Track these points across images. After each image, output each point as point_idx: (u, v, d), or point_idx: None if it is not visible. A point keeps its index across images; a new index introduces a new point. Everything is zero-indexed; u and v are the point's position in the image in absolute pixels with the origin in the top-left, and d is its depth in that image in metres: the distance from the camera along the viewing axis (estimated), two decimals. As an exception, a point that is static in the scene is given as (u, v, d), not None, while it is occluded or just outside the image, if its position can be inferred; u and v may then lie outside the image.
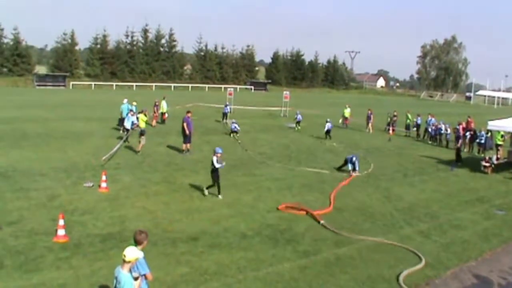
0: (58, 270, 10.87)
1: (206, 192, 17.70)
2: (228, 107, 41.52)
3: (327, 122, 34.14)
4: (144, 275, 7.68)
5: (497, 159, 26.84)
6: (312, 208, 16.59)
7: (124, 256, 7.08)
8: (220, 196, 17.41)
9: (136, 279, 7.26)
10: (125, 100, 32.68)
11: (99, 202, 16.11)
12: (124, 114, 31.23)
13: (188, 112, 25.87)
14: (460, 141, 30.43)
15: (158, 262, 11.25)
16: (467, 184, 22.59)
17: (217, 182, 17.44)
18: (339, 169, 23.36)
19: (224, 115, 40.39)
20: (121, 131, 30.62)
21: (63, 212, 13.50)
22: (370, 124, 40.12)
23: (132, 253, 7.11)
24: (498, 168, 25.71)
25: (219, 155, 17.34)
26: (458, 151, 27.65)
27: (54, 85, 77.95)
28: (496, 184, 23.05)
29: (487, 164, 25.42)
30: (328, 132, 33.91)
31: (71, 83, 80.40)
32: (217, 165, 17.20)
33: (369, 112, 40.46)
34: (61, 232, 12.63)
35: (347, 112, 42.98)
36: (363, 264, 12.31)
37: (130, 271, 7.18)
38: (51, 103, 49.30)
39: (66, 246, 12.23)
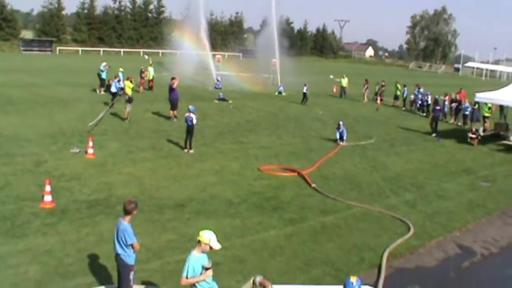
0: (45, 236, 10.86)
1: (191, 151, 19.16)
2: (220, 83, 41.06)
3: (305, 85, 36.18)
4: (131, 244, 7.66)
5: (484, 131, 26.98)
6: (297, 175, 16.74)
7: (202, 237, 6.85)
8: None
9: (207, 269, 6.85)
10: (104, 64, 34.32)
11: (86, 168, 16.04)
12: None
13: (173, 78, 25.61)
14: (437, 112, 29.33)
15: (145, 228, 11.27)
16: (453, 156, 22.73)
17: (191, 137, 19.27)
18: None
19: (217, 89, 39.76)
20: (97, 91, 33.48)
21: (50, 178, 13.43)
22: (365, 95, 40.21)
23: (207, 235, 6.86)
24: (485, 140, 25.90)
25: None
26: (432, 121, 27.35)
27: (40, 50, 76.68)
28: (482, 156, 23.22)
29: (474, 136, 25.56)
30: (304, 95, 35.78)
31: (58, 48, 79.15)
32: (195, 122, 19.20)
33: (365, 82, 40.56)
34: (47, 198, 12.58)
35: (344, 82, 42.44)
36: (348, 233, 12.43)
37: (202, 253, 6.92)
38: (37, 69, 48.57)
39: (52, 212, 12.21)
